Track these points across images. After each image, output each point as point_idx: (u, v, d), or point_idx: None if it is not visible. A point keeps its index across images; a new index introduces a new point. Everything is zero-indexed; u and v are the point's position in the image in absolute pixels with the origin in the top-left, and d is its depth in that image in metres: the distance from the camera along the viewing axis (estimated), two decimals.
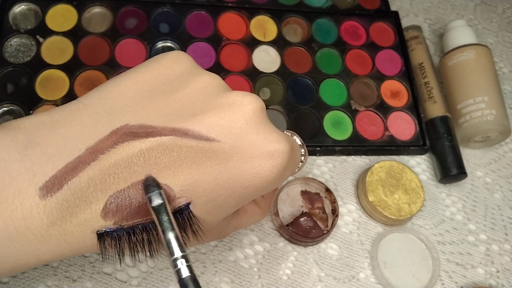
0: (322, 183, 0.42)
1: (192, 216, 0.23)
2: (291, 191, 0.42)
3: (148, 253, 0.22)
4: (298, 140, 0.30)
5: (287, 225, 0.39)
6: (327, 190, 0.41)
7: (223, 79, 0.45)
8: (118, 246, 0.21)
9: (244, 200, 0.25)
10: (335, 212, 0.41)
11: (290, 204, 0.41)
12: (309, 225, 0.40)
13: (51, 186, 0.20)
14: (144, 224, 0.21)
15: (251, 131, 0.24)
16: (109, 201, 0.21)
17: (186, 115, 0.23)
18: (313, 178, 0.42)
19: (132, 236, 0.21)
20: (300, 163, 0.30)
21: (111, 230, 0.21)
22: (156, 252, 0.22)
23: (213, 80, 0.25)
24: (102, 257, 0.21)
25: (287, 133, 0.31)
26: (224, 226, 0.28)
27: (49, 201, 0.20)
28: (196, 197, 0.23)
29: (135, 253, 0.22)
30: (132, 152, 0.21)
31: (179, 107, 0.23)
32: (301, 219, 0.40)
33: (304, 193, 0.42)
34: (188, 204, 0.22)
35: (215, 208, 0.24)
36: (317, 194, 0.42)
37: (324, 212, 0.41)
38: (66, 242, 0.21)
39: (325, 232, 0.40)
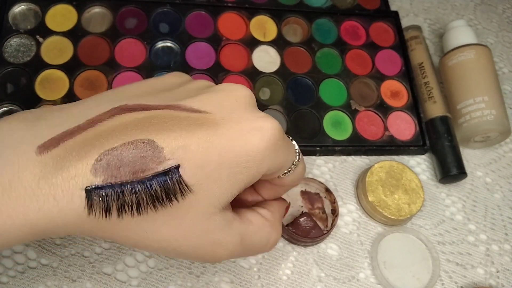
0: (322, 183, 0.42)
1: (181, 181, 0.22)
2: (290, 191, 0.42)
3: (135, 212, 0.22)
4: (295, 143, 0.29)
5: (287, 225, 0.39)
6: (327, 190, 0.41)
7: (223, 79, 0.45)
8: (105, 204, 0.21)
9: (238, 173, 0.24)
10: (335, 212, 0.41)
11: (290, 204, 0.41)
12: (309, 225, 0.40)
13: (48, 145, 0.21)
14: (133, 184, 0.22)
15: (240, 108, 0.25)
16: (99, 157, 0.21)
17: (181, 98, 0.25)
18: (313, 178, 0.42)
19: (120, 195, 0.22)
20: (294, 164, 0.28)
21: (100, 186, 0.21)
22: (143, 211, 0.22)
23: (208, 82, 0.28)
24: (88, 213, 0.21)
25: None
26: (225, 225, 0.26)
27: (44, 156, 0.21)
28: (186, 160, 0.23)
29: (122, 212, 0.22)
30: (127, 119, 0.23)
31: (175, 96, 0.26)
32: (301, 219, 0.40)
33: (304, 193, 0.42)
34: (177, 167, 0.22)
35: (207, 177, 0.23)
36: (317, 194, 0.42)
37: (324, 212, 0.41)
38: (54, 199, 0.21)
39: (325, 232, 0.40)
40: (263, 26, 0.50)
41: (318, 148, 0.44)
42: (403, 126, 0.47)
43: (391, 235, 0.42)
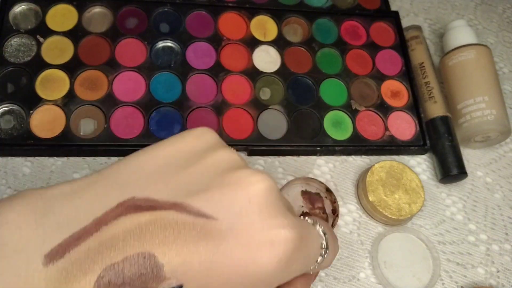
0: (322, 183, 0.42)
1: None
2: (291, 191, 0.42)
3: None
4: (320, 230, 0.26)
5: None
6: (328, 190, 0.41)
7: (224, 79, 0.45)
8: None
9: None
10: (335, 212, 0.41)
11: (291, 204, 0.41)
12: None
13: (55, 254, 0.21)
14: None
15: (253, 211, 0.22)
16: (101, 274, 0.21)
17: (191, 191, 0.23)
18: (313, 178, 0.42)
19: None
20: (320, 258, 0.25)
21: None
22: None
23: (228, 156, 0.25)
24: None
25: (309, 220, 0.27)
26: None
27: (50, 268, 0.21)
28: (187, 281, 0.21)
29: None
30: (131, 225, 0.22)
31: (187, 182, 0.23)
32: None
33: (304, 193, 0.42)
34: (180, 287, 0.21)
35: None
36: (318, 194, 0.42)
37: (324, 212, 0.41)
38: None
39: None
40: (264, 26, 0.50)
41: (318, 148, 0.44)
42: (403, 126, 0.47)
43: (392, 235, 0.42)
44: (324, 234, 0.26)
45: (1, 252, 0.21)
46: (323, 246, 0.26)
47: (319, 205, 0.42)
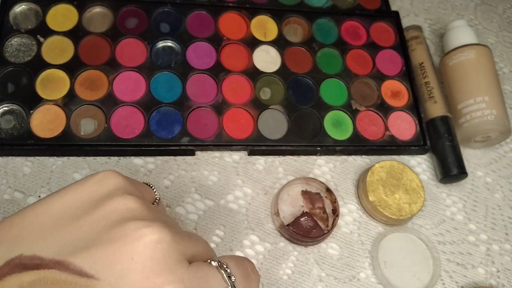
0: (322, 183, 0.42)
1: None
2: (292, 191, 0.42)
3: None
4: (224, 275, 0.24)
5: (287, 225, 0.39)
6: (328, 190, 0.41)
7: (224, 79, 0.45)
8: None
9: None
10: (335, 212, 0.41)
11: (291, 204, 0.41)
12: (309, 225, 0.40)
13: None
14: None
15: (135, 269, 0.21)
16: None
17: (77, 247, 0.22)
18: (313, 178, 0.42)
19: None
20: None
21: None
22: None
23: (123, 205, 0.24)
24: None
25: (213, 263, 0.24)
26: None
27: None
28: None
29: None
30: (15, 284, 0.21)
31: (75, 236, 0.23)
32: (302, 219, 0.40)
33: (304, 193, 0.42)
34: None
35: None
36: (318, 194, 0.42)
37: (324, 212, 0.41)
38: None
39: (325, 232, 0.40)
40: (264, 26, 0.50)
41: (318, 148, 0.44)
42: (403, 126, 0.47)
43: (392, 234, 0.42)
44: (230, 277, 0.24)
45: None
46: None
47: (319, 205, 0.42)
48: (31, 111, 0.40)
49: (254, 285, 0.26)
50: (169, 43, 0.46)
